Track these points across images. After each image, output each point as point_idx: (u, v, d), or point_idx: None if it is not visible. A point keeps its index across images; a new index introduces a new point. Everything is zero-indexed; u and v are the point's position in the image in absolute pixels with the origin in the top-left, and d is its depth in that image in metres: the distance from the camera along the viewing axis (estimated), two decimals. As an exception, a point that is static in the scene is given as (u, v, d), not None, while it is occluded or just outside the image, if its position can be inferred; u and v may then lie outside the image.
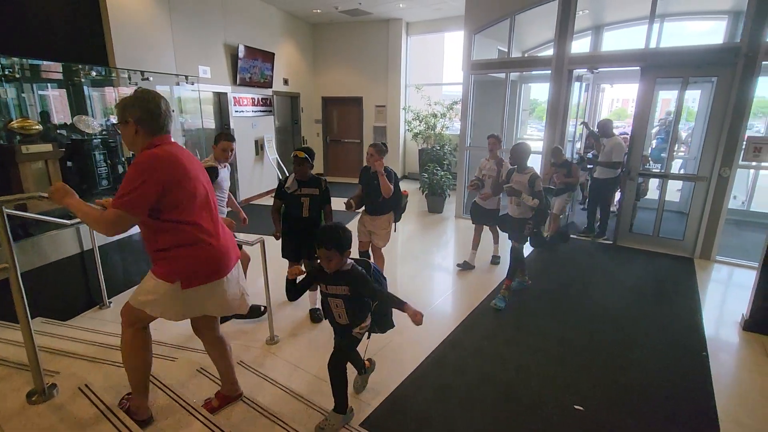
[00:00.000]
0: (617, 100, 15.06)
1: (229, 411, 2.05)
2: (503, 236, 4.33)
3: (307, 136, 9.82)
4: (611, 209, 5.97)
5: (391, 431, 2.26)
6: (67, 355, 2.28)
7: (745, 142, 4.50)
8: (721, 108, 4.60)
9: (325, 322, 3.02)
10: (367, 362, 2.59)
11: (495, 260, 4.79)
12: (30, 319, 1.71)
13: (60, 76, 4.96)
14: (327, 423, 2.12)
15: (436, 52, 10.59)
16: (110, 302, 3.68)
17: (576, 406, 2.47)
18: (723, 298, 4.13)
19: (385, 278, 2.38)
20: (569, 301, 3.91)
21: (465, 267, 4.56)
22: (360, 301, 2.15)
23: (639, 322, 3.50)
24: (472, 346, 3.12)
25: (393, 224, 3.72)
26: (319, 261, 2.04)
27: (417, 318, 1.98)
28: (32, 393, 1.75)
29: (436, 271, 4.76)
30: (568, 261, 4.95)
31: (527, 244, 3.82)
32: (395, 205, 3.66)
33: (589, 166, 5.89)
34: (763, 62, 4.31)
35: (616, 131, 5.57)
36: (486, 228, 4.64)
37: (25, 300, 1.69)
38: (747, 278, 4.14)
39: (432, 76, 10.10)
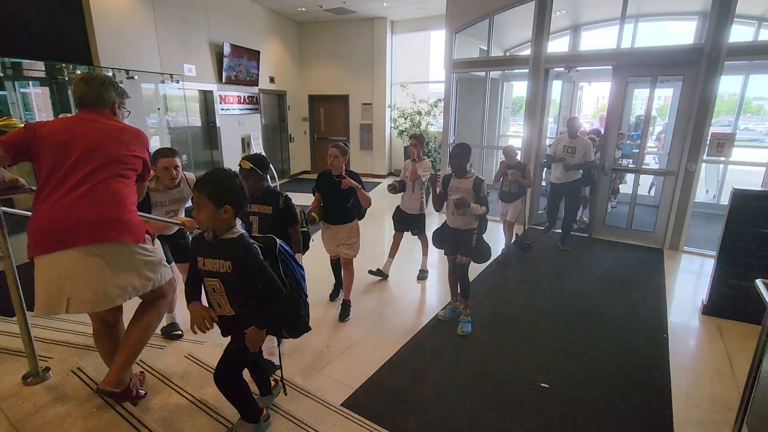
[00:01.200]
0: (602, 98, 15.46)
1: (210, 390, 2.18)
2: (434, 248, 3.74)
3: (295, 133, 9.91)
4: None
5: (370, 410, 2.41)
6: (61, 344, 2.39)
7: (709, 138, 4.76)
8: (688, 105, 4.84)
9: None
10: (273, 380, 2.14)
11: (422, 275, 4.29)
12: (24, 304, 1.82)
13: (43, 75, 5.00)
14: None
15: (424, 51, 10.74)
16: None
17: (542, 384, 2.66)
18: (687, 286, 4.36)
19: (300, 267, 1.94)
20: (542, 289, 4.11)
21: (378, 274, 4.24)
22: (248, 285, 1.66)
23: (606, 308, 3.71)
24: (449, 332, 3.28)
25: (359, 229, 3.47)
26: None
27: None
28: (27, 375, 1.86)
29: (419, 263, 4.92)
30: (544, 252, 5.15)
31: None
32: (357, 210, 3.39)
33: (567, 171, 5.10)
34: (726, 62, 4.55)
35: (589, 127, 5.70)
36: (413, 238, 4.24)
37: (19, 283, 1.80)
38: (711, 267, 4.38)
39: (419, 74, 10.26)
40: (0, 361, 2.04)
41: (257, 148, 8.15)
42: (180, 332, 3.06)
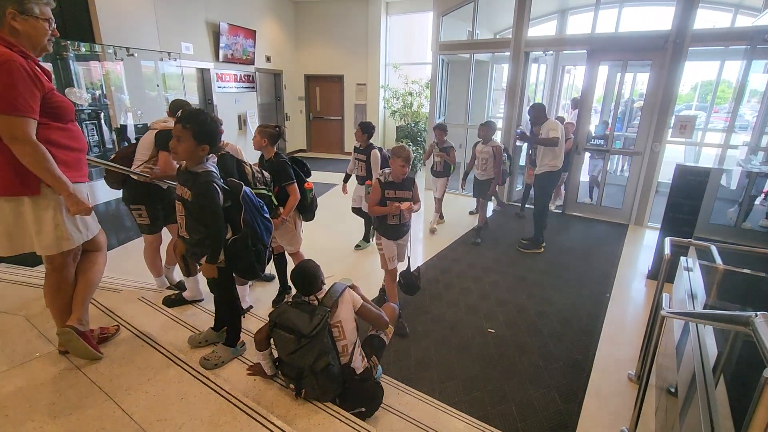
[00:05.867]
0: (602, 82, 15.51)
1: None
2: None
3: (291, 112, 10.19)
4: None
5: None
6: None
7: (673, 120, 5.07)
8: (655, 89, 5.13)
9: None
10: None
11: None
12: None
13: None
14: (214, 355, 2.06)
15: (422, 32, 10.84)
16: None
17: (489, 329, 3.08)
18: (641, 256, 4.74)
19: (268, 219, 2.05)
20: (508, 255, 4.50)
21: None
22: (198, 215, 1.83)
23: (562, 272, 4.11)
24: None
25: (299, 225, 3.12)
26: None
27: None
28: None
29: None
30: (517, 226, 5.52)
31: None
32: (300, 206, 3.02)
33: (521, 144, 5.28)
34: (690, 48, 4.83)
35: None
36: None
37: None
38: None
39: (417, 55, 10.40)
40: None
41: (253, 125, 8.46)
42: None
